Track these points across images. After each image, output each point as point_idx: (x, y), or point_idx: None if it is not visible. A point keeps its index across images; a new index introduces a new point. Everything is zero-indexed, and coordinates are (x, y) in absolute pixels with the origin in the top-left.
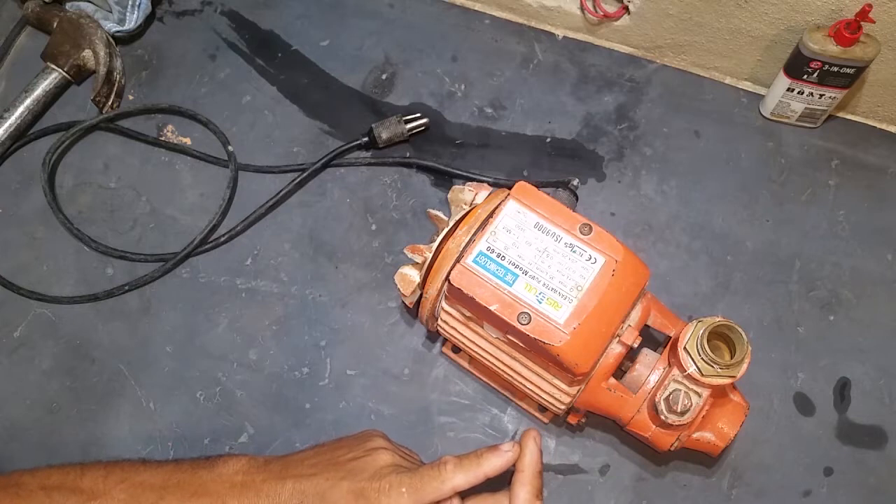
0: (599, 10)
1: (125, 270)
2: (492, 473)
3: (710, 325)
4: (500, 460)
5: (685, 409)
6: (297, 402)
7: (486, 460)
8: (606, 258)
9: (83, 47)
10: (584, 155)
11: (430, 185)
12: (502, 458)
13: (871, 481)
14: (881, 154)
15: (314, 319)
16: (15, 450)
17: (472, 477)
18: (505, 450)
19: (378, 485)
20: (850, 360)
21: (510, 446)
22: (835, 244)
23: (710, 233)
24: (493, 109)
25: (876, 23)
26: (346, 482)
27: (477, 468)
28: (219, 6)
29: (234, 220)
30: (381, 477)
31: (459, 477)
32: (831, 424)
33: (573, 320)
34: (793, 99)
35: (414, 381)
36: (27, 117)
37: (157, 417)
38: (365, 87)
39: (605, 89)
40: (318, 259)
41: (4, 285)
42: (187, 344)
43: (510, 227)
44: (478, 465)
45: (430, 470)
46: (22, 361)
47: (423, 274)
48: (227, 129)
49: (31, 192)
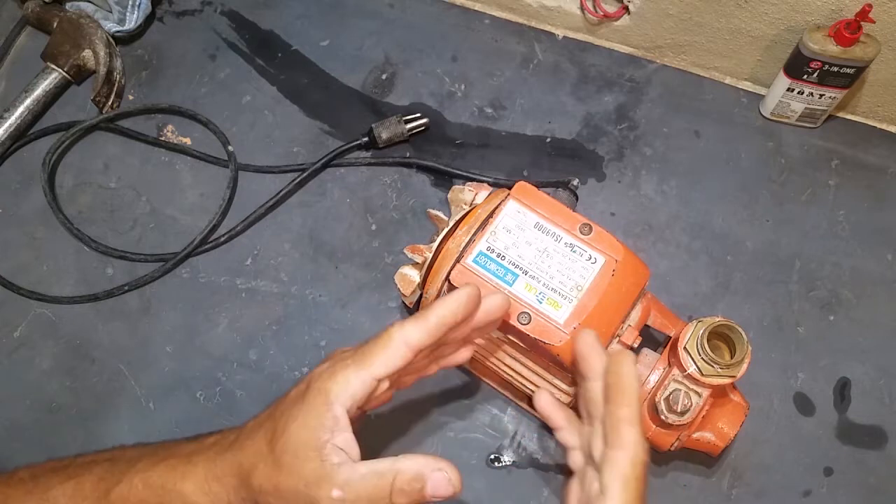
0: (599, 10)
1: (125, 270)
2: (450, 319)
3: (710, 325)
4: (454, 305)
5: (685, 409)
6: None
7: (439, 305)
8: (606, 258)
9: (83, 47)
10: (584, 155)
11: (430, 185)
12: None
13: (871, 481)
14: (881, 154)
15: (314, 319)
16: (15, 450)
17: (425, 327)
18: (460, 292)
19: (319, 369)
20: (850, 360)
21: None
22: (835, 244)
23: (710, 233)
24: (493, 109)
25: (876, 23)
26: (294, 388)
27: (427, 316)
28: (219, 6)
29: (234, 220)
30: (322, 363)
31: (409, 328)
32: (831, 424)
33: (573, 320)
34: (793, 99)
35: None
36: (27, 117)
37: (156, 417)
38: (365, 87)
39: (605, 89)
40: (318, 259)
41: (4, 285)
42: (187, 344)
43: (510, 227)
44: (428, 313)
45: (378, 334)
46: (22, 361)
47: (423, 274)
48: (227, 129)
49: (31, 192)
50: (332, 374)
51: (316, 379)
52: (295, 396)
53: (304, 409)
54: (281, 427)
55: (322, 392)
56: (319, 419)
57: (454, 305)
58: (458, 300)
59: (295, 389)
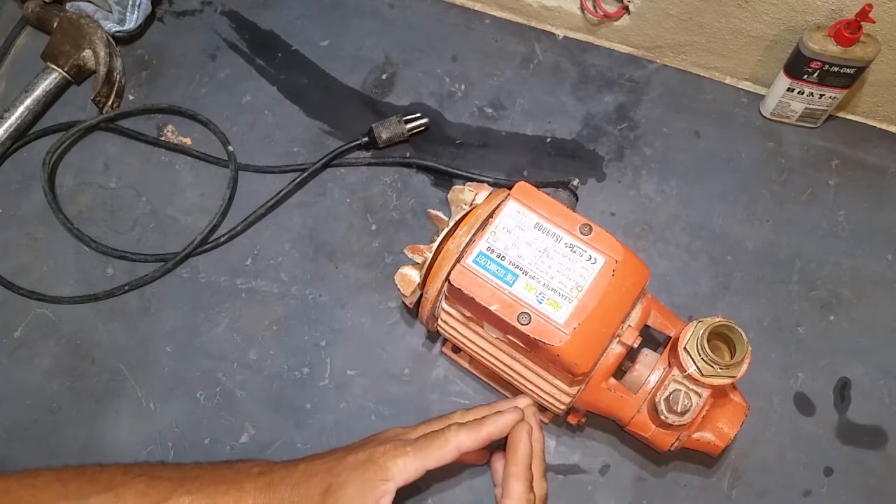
0: (599, 10)
1: (125, 270)
2: (496, 436)
3: (710, 325)
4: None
5: (685, 409)
6: (297, 402)
7: (490, 423)
8: (606, 258)
9: (83, 47)
10: (584, 155)
11: (430, 185)
12: (504, 422)
13: (871, 481)
14: (881, 154)
15: (314, 319)
16: (15, 450)
17: (476, 438)
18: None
19: (383, 448)
20: (850, 360)
21: (512, 410)
22: (835, 244)
23: (710, 233)
24: (493, 109)
25: (876, 23)
26: (353, 455)
27: (479, 430)
28: (219, 6)
29: (234, 220)
30: (385, 441)
31: (463, 437)
32: (831, 424)
33: (573, 320)
34: (793, 99)
35: (414, 381)
36: (27, 117)
37: (157, 417)
38: (365, 87)
39: (605, 89)
40: (319, 259)
41: (4, 285)
42: (187, 344)
43: (510, 227)
44: (480, 427)
45: (436, 432)
46: (22, 361)
47: (423, 274)
48: (227, 129)
49: (31, 192)
50: (394, 456)
51: (379, 456)
52: (355, 463)
53: (363, 477)
54: (337, 485)
55: (382, 469)
56: (374, 491)
57: (503, 425)
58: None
59: (353, 456)
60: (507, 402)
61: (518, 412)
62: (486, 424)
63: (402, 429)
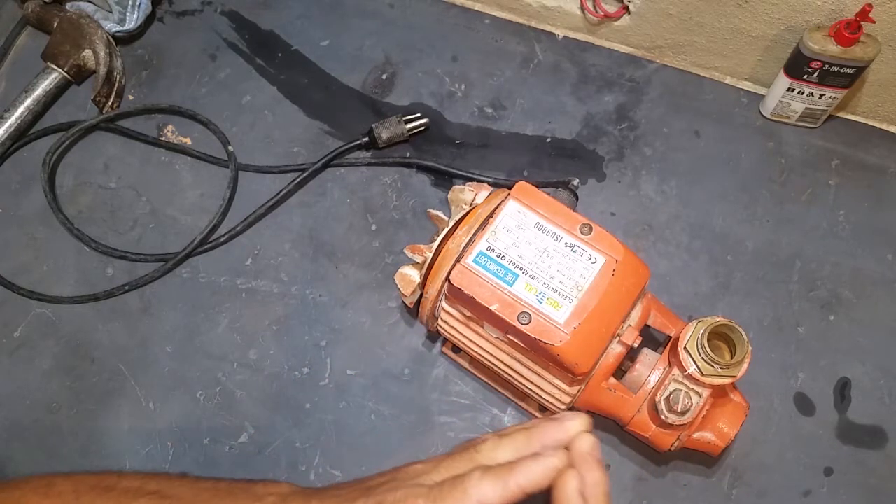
0: (599, 10)
1: (125, 270)
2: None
3: (711, 325)
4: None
5: (685, 409)
6: (297, 402)
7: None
8: (606, 258)
9: (83, 47)
10: (584, 155)
11: (430, 185)
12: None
13: (871, 481)
14: (881, 154)
15: (314, 319)
16: (15, 450)
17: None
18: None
19: (394, 497)
20: (850, 360)
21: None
22: (835, 244)
23: (710, 233)
24: (493, 109)
25: (876, 23)
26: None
27: (507, 481)
28: (219, 6)
29: (234, 220)
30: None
31: (487, 489)
32: (831, 424)
33: (573, 320)
34: (793, 99)
35: (414, 381)
36: (27, 117)
37: (156, 417)
38: (365, 87)
39: (605, 89)
40: (319, 259)
41: (4, 285)
42: (187, 344)
43: (510, 226)
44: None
45: (455, 479)
46: (22, 361)
47: (424, 274)
48: (227, 129)
49: (31, 192)
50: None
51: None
52: None
53: None
54: None
55: None
56: None
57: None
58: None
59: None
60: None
61: (560, 457)
62: (516, 474)
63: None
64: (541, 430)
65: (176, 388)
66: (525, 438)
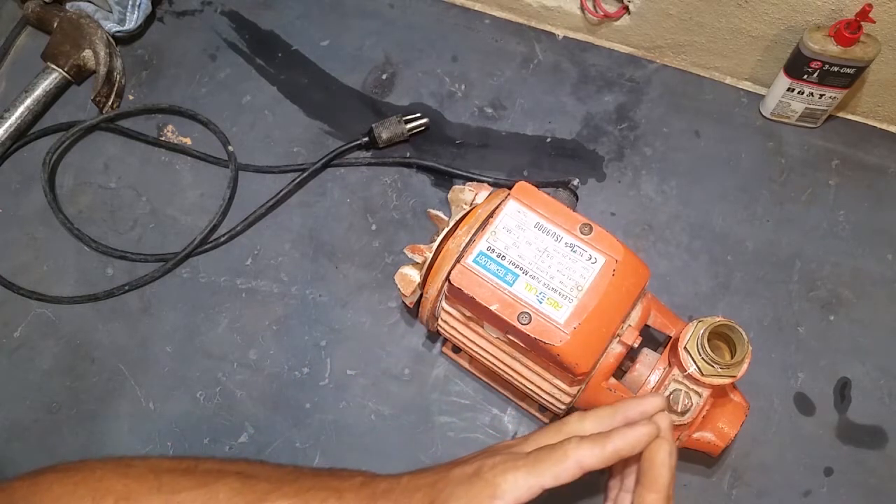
0: (599, 10)
1: (125, 270)
2: (626, 454)
3: (711, 325)
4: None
5: (685, 409)
6: (297, 402)
7: (619, 438)
8: (607, 258)
9: (83, 47)
10: (584, 155)
11: (430, 185)
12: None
13: (871, 481)
14: (881, 154)
15: (314, 319)
16: (15, 450)
17: (601, 455)
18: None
19: (492, 461)
20: (850, 360)
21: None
22: (835, 244)
23: (711, 233)
24: (493, 109)
25: (876, 23)
26: (459, 468)
27: (605, 445)
28: (219, 6)
29: (235, 220)
30: (495, 454)
31: (586, 452)
32: (831, 424)
33: (573, 320)
34: (793, 99)
35: (414, 381)
36: (27, 117)
37: (156, 417)
38: (365, 87)
39: (605, 89)
40: (319, 259)
41: (4, 285)
42: (187, 344)
43: (510, 226)
44: (606, 441)
45: (553, 445)
46: (22, 361)
47: (424, 274)
48: (227, 129)
49: (31, 192)
50: (504, 470)
51: (488, 470)
52: (461, 477)
53: (469, 493)
54: (441, 501)
55: (491, 485)
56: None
57: (634, 441)
58: (639, 437)
59: (460, 469)
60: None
61: (653, 426)
62: (613, 439)
63: (515, 440)
64: (624, 406)
65: (176, 388)
66: (609, 413)
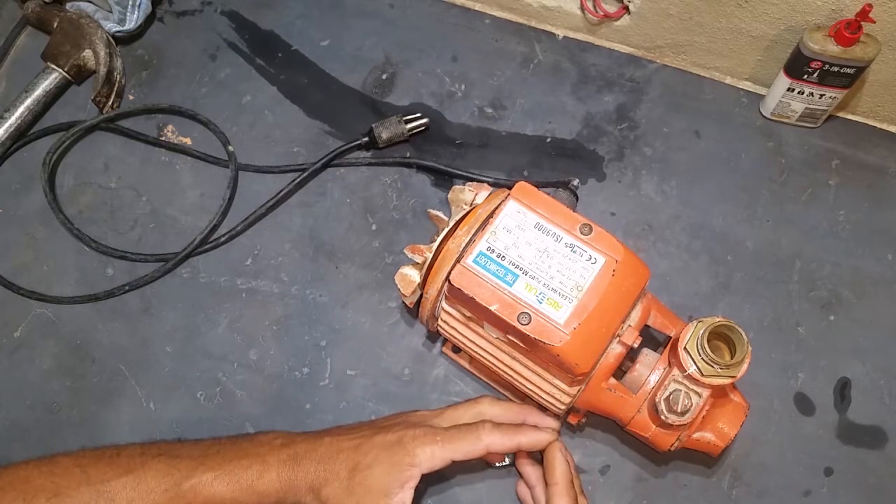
0: (600, 10)
1: (125, 270)
2: (527, 449)
3: (711, 325)
4: (535, 441)
5: (685, 409)
6: (297, 402)
7: (524, 434)
8: (606, 258)
9: (83, 47)
10: (584, 155)
11: (430, 185)
12: (539, 439)
13: (871, 481)
14: (881, 154)
15: (314, 319)
16: (15, 450)
17: (507, 444)
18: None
19: (413, 433)
20: (850, 360)
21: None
22: (835, 244)
23: (711, 233)
24: (493, 109)
25: (876, 23)
26: (381, 435)
27: (513, 438)
28: (219, 6)
29: (235, 220)
30: (415, 426)
31: (496, 439)
32: (831, 424)
33: (573, 320)
34: (793, 99)
35: (414, 381)
36: (27, 117)
37: (156, 417)
38: (365, 87)
39: (605, 89)
40: (319, 259)
41: (4, 285)
42: (187, 344)
43: (510, 227)
44: (514, 435)
45: (469, 426)
46: (22, 361)
47: (424, 274)
48: (227, 129)
49: (31, 192)
50: (423, 443)
51: (409, 440)
52: (384, 443)
53: (391, 459)
54: (365, 464)
55: (410, 454)
56: (400, 473)
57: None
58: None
59: (382, 436)
60: (538, 413)
61: (554, 434)
62: (520, 435)
63: (430, 412)
64: (529, 409)
65: (176, 388)
66: (517, 410)
